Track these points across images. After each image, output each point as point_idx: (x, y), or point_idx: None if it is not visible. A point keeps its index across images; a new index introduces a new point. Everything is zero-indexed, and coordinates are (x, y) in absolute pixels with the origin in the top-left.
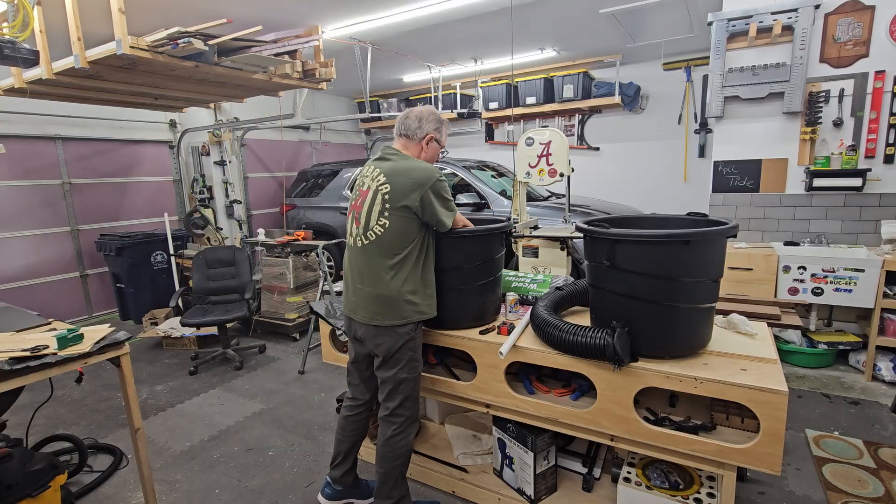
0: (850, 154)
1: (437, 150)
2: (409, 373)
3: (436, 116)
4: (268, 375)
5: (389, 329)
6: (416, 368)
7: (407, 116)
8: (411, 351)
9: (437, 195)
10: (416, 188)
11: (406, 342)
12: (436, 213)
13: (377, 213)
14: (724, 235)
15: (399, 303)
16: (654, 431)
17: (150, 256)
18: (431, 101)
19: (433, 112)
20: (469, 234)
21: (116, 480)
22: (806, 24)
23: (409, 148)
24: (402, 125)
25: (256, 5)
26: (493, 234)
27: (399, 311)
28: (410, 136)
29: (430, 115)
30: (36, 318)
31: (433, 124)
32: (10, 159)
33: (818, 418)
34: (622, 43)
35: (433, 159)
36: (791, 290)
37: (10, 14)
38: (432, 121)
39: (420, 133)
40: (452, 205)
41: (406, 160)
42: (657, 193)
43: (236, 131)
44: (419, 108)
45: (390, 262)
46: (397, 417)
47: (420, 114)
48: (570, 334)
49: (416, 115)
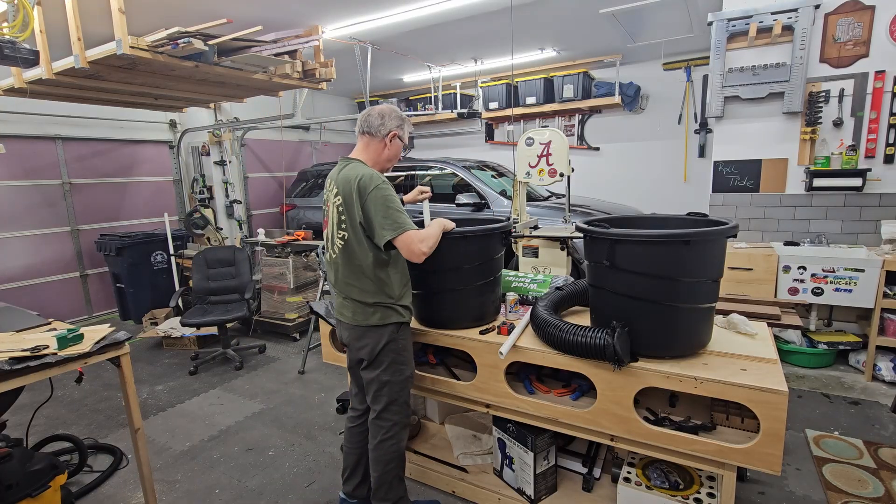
0: (850, 154)
1: (400, 147)
2: (392, 375)
3: (398, 114)
4: (268, 375)
5: (370, 329)
6: (401, 372)
7: (369, 114)
8: (394, 353)
9: (376, 204)
10: (358, 196)
11: (387, 343)
12: (372, 226)
13: (337, 226)
14: (724, 235)
15: (375, 307)
16: (654, 431)
17: (150, 256)
18: (432, 100)
19: (395, 109)
20: (467, 234)
21: (116, 480)
22: (806, 24)
23: (370, 146)
24: (365, 122)
25: (256, 5)
26: (493, 235)
27: (377, 314)
28: (373, 134)
29: (393, 113)
30: (36, 318)
31: (396, 121)
32: (10, 159)
33: (818, 418)
34: (622, 43)
35: (395, 157)
36: (791, 290)
37: (10, 14)
38: (395, 118)
39: (383, 130)
40: (400, 218)
41: (353, 167)
42: (657, 193)
43: (236, 131)
44: (381, 105)
45: (358, 272)
46: (385, 421)
47: (382, 111)
48: (570, 334)
49: (378, 112)
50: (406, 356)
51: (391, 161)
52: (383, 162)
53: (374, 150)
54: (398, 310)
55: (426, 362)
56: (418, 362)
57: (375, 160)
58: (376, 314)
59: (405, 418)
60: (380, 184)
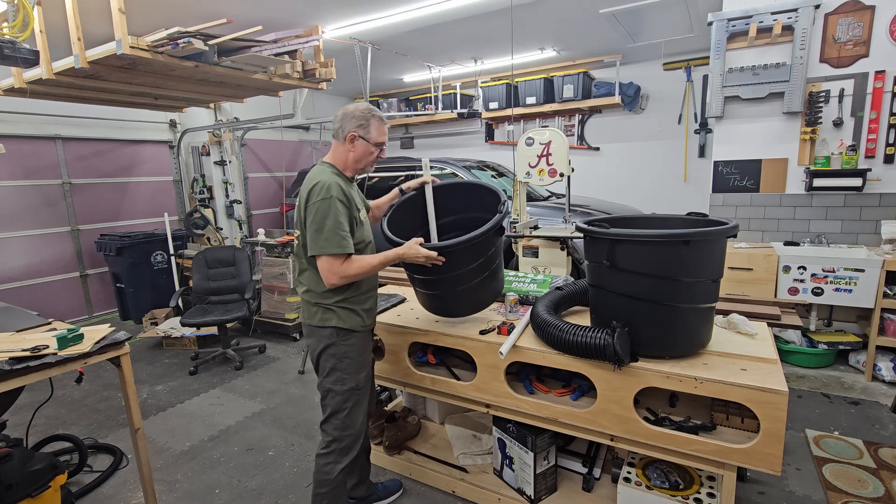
0: (850, 154)
1: (368, 148)
2: (333, 384)
3: (361, 112)
4: (268, 375)
5: (312, 329)
6: (343, 381)
7: (336, 117)
8: (335, 359)
9: (314, 215)
10: (304, 203)
11: (326, 347)
12: (308, 231)
13: (297, 224)
14: (724, 235)
15: (318, 306)
16: (654, 431)
17: (150, 256)
18: (432, 100)
19: (359, 108)
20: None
21: (116, 480)
22: (806, 24)
23: (337, 150)
24: (332, 126)
25: (256, 5)
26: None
27: (317, 314)
28: (336, 137)
29: (354, 112)
30: (36, 318)
31: (355, 121)
32: (11, 159)
33: (818, 418)
34: (622, 43)
35: (365, 158)
36: (791, 290)
37: (10, 14)
38: (354, 117)
39: (341, 132)
40: (329, 234)
41: (317, 171)
42: (657, 193)
43: (236, 131)
44: (350, 105)
45: (304, 270)
46: (324, 434)
47: (344, 111)
48: (570, 334)
49: (340, 113)
50: (349, 365)
51: (361, 162)
52: (353, 164)
53: (340, 154)
54: (339, 313)
55: (426, 362)
56: (418, 362)
57: (344, 164)
58: (317, 314)
59: (347, 439)
60: (325, 196)
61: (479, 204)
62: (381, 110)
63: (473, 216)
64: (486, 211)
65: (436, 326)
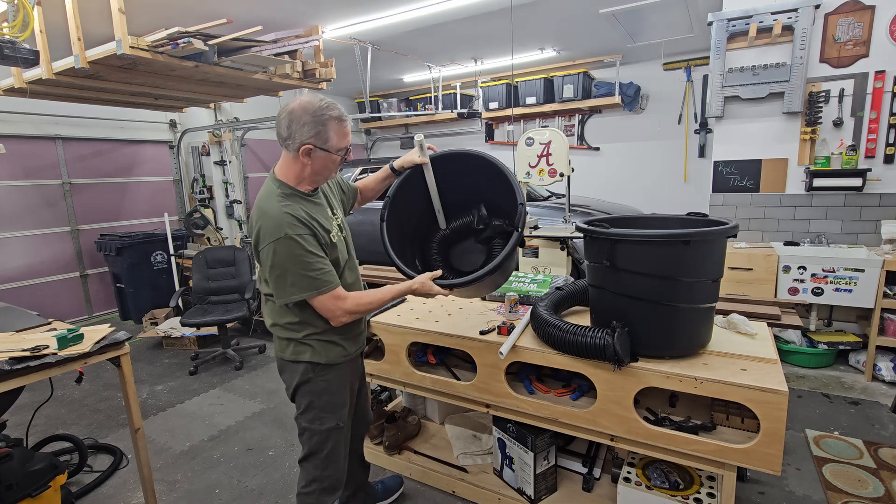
0: (850, 154)
1: (329, 158)
2: (310, 422)
3: (313, 115)
4: (268, 375)
5: (284, 363)
6: (321, 420)
7: (279, 119)
8: (311, 396)
9: (267, 261)
10: (254, 240)
11: (301, 383)
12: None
13: (254, 254)
14: (724, 235)
15: (289, 340)
16: (654, 431)
17: (150, 256)
18: (432, 100)
19: (309, 107)
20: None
21: (116, 480)
22: (806, 24)
23: (289, 163)
24: (278, 131)
25: (256, 5)
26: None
27: (290, 346)
28: (285, 147)
29: (303, 114)
30: (36, 318)
31: (307, 129)
32: (11, 159)
33: (818, 418)
34: (622, 43)
35: (328, 168)
36: (791, 290)
37: (10, 14)
38: (308, 123)
39: (292, 144)
40: (304, 281)
41: (266, 192)
42: (657, 193)
43: (236, 131)
44: (295, 102)
45: (269, 296)
46: (304, 472)
47: (290, 113)
48: (570, 334)
49: (286, 115)
50: (328, 403)
51: (322, 174)
52: (311, 177)
53: (293, 168)
54: (313, 346)
55: (426, 362)
56: (418, 362)
57: (298, 178)
58: (288, 347)
59: (328, 479)
60: (277, 236)
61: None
62: (381, 110)
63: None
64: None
65: (436, 326)
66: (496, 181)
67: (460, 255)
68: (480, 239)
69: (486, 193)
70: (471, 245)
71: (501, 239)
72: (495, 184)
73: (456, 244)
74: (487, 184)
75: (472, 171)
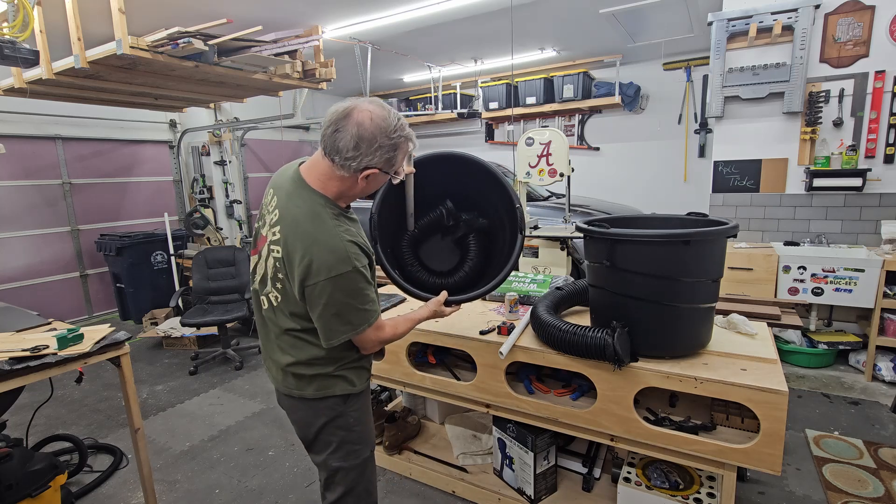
0: (850, 154)
1: (384, 179)
2: (343, 460)
3: (390, 138)
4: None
5: (304, 402)
6: (356, 454)
7: (338, 128)
8: (343, 431)
9: (335, 293)
10: (304, 275)
11: (330, 420)
12: (320, 319)
13: (271, 279)
14: (724, 235)
15: (316, 376)
16: (654, 431)
17: (150, 256)
18: (432, 100)
19: (386, 126)
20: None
21: (116, 480)
22: (806, 24)
23: (333, 179)
24: (329, 140)
25: (256, 5)
26: None
27: (313, 382)
28: (340, 165)
29: (379, 136)
30: (36, 318)
31: (383, 153)
32: (11, 159)
33: (818, 418)
34: (622, 43)
35: (370, 190)
36: (791, 290)
37: (10, 14)
38: (383, 147)
39: (355, 164)
40: (359, 312)
41: (313, 214)
42: (657, 193)
43: (236, 131)
44: (364, 114)
45: (294, 331)
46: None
47: (362, 130)
48: (570, 334)
49: (355, 130)
50: (360, 433)
51: (366, 192)
52: (355, 195)
53: (338, 186)
54: (346, 377)
55: (426, 362)
56: (418, 362)
57: (340, 194)
58: (311, 384)
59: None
60: (341, 271)
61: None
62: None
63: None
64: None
65: (436, 326)
66: (486, 185)
67: (430, 255)
68: (455, 238)
69: (475, 197)
70: (441, 244)
71: (476, 236)
72: (485, 188)
73: (423, 243)
74: (478, 187)
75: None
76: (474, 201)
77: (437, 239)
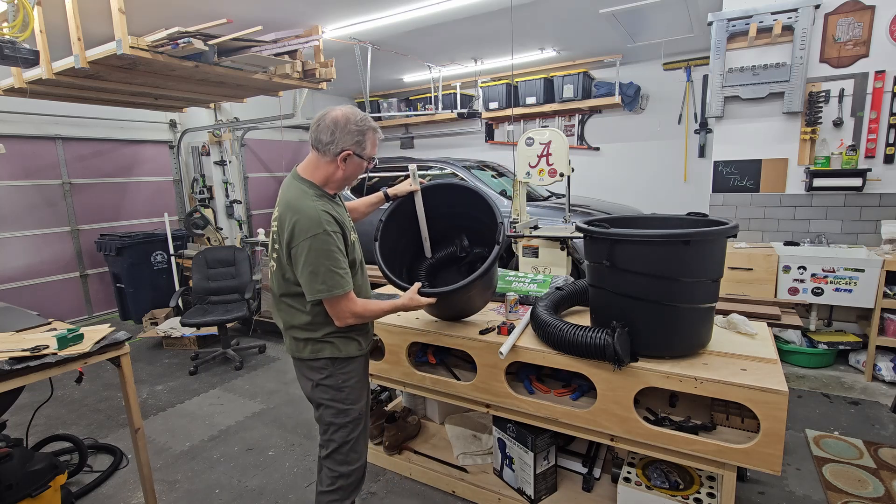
0: (850, 154)
1: (361, 165)
2: (333, 416)
3: (357, 125)
4: (268, 375)
5: (301, 362)
6: (345, 413)
7: (319, 124)
8: (332, 391)
9: (308, 253)
10: (289, 240)
11: (321, 380)
12: (301, 276)
13: (270, 249)
14: (724, 235)
15: (308, 341)
16: (654, 431)
17: (150, 256)
18: (432, 100)
19: (353, 117)
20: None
21: (116, 480)
22: (806, 24)
23: (320, 166)
24: (314, 135)
25: (256, 5)
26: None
27: (307, 346)
28: (322, 152)
29: (347, 124)
30: (36, 318)
31: (352, 137)
32: (11, 159)
33: (818, 418)
34: (622, 43)
35: (355, 175)
36: (791, 290)
37: (10, 14)
38: (351, 132)
39: (333, 148)
40: (330, 274)
41: (300, 192)
42: (657, 193)
43: (236, 131)
44: (337, 111)
45: (289, 296)
46: (329, 471)
47: (335, 121)
48: (570, 334)
49: (330, 122)
50: (349, 395)
51: (350, 179)
52: (339, 181)
53: (324, 171)
54: (334, 343)
55: (426, 362)
56: (418, 362)
57: (326, 180)
58: (306, 347)
59: (354, 474)
60: (315, 232)
61: (473, 204)
62: (381, 110)
63: (467, 213)
64: (480, 210)
65: (435, 326)
66: (479, 207)
67: (445, 283)
68: (463, 266)
69: (471, 221)
70: (455, 274)
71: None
72: (479, 210)
73: (440, 272)
74: (473, 212)
75: (458, 202)
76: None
77: (454, 270)
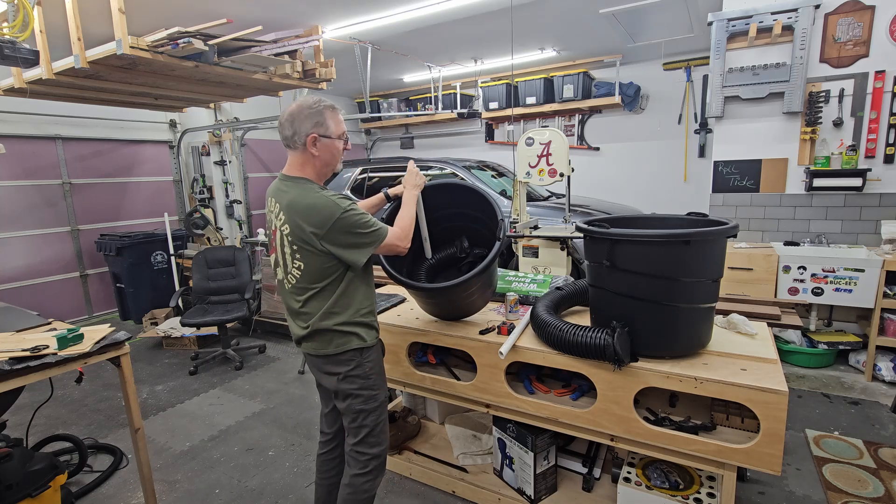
0: (850, 154)
1: (333, 145)
2: (364, 403)
3: (311, 108)
4: (268, 375)
5: (326, 359)
6: (374, 398)
7: (281, 123)
8: (361, 379)
9: (343, 233)
10: (317, 230)
11: (349, 371)
12: (344, 255)
13: (290, 256)
14: (724, 235)
15: (333, 332)
16: (654, 431)
17: (150, 256)
18: (432, 100)
19: (306, 102)
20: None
21: (116, 480)
22: (806, 24)
23: (300, 162)
24: (280, 134)
25: (256, 5)
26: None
27: (332, 341)
28: (292, 147)
29: (303, 109)
30: (36, 318)
31: (310, 120)
32: (11, 159)
33: (818, 418)
34: (622, 43)
35: (335, 157)
36: (791, 290)
37: (10, 14)
38: (308, 116)
39: (298, 139)
40: (368, 234)
41: (302, 191)
42: (657, 193)
43: (236, 131)
44: (293, 104)
45: (311, 296)
46: (361, 455)
47: (291, 113)
48: (570, 334)
49: (287, 116)
50: (376, 381)
51: (331, 164)
52: (322, 169)
53: (305, 165)
54: (358, 332)
55: (426, 362)
56: (418, 362)
57: (315, 174)
58: (332, 342)
59: (382, 452)
60: (341, 214)
61: (473, 203)
62: (381, 110)
63: (467, 214)
64: (480, 209)
65: (435, 326)
66: (479, 206)
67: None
68: (463, 267)
69: (471, 222)
70: (455, 275)
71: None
72: (479, 209)
73: (440, 274)
74: (473, 212)
75: (458, 202)
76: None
77: (453, 272)
